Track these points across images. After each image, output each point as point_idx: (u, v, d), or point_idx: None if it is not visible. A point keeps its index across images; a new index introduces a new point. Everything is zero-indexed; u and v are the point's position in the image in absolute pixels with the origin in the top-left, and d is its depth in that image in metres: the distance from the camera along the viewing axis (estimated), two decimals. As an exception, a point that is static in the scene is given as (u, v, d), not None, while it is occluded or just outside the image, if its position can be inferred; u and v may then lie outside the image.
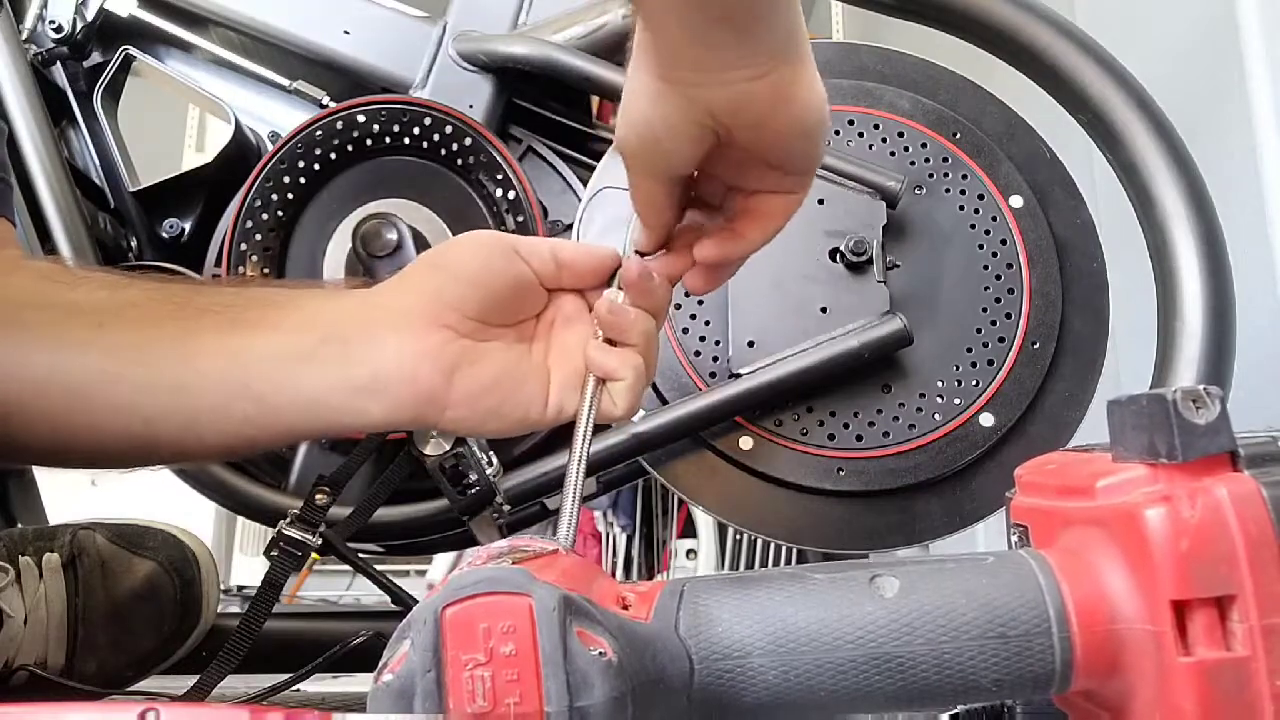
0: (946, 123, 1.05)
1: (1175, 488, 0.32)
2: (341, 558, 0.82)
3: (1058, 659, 0.33)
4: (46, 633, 0.82)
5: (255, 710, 0.45)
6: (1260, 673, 0.29)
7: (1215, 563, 0.30)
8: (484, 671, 0.34)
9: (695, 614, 0.38)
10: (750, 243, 0.64)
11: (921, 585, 0.35)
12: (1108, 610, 0.32)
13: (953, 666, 0.34)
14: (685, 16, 0.52)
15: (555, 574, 0.38)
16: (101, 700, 0.82)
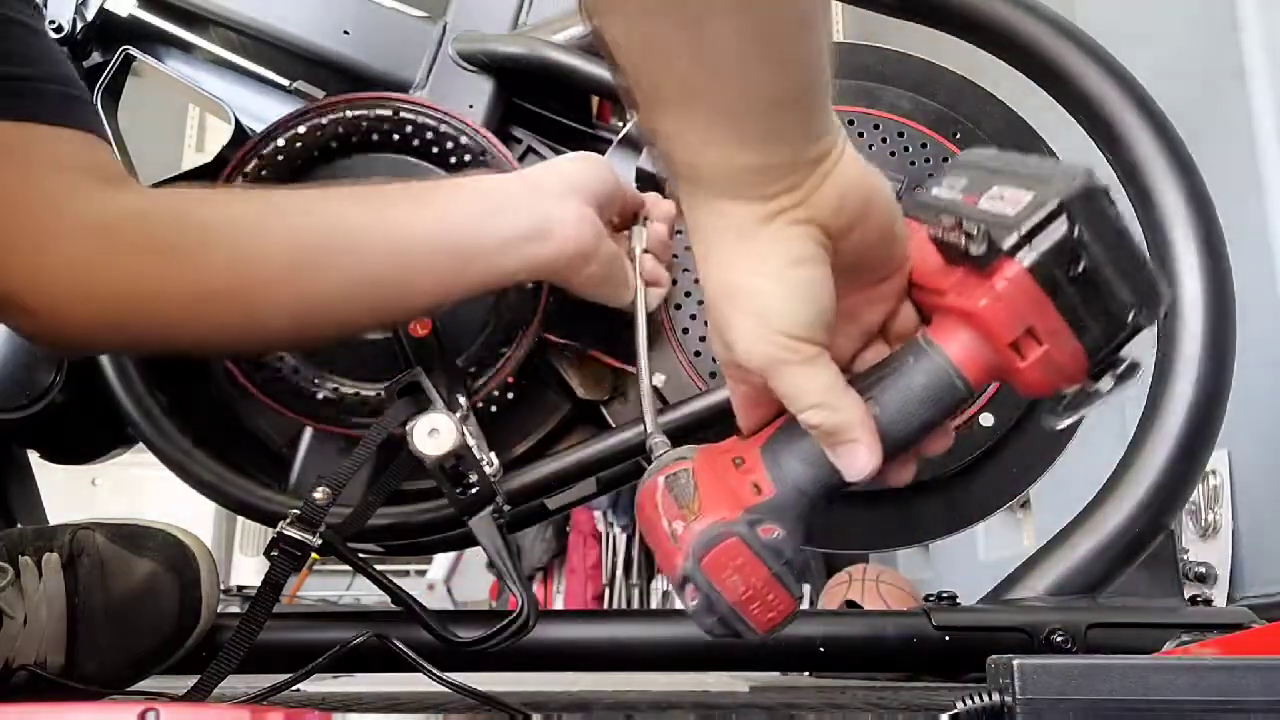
0: (946, 123, 1.05)
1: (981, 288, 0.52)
2: (342, 558, 0.82)
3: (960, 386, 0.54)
4: (46, 633, 0.82)
5: (255, 710, 0.45)
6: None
7: (1017, 319, 0.51)
8: (734, 575, 0.53)
9: (794, 466, 0.55)
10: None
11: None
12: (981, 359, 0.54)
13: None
14: (749, 108, 0.50)
15: (717, 489, 0.55)
16: (101, 700, 0.82)
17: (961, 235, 0.51)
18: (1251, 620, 0.91)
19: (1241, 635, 0.82)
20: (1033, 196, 0.50)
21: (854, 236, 0.54)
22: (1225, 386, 0.98)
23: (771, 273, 0.52)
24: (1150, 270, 0.51)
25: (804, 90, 0.51)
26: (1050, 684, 0.49)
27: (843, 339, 0.58)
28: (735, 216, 0.52)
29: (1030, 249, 0.49)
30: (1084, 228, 0.49)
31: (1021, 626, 0.89)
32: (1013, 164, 0.54)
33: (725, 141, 0.51)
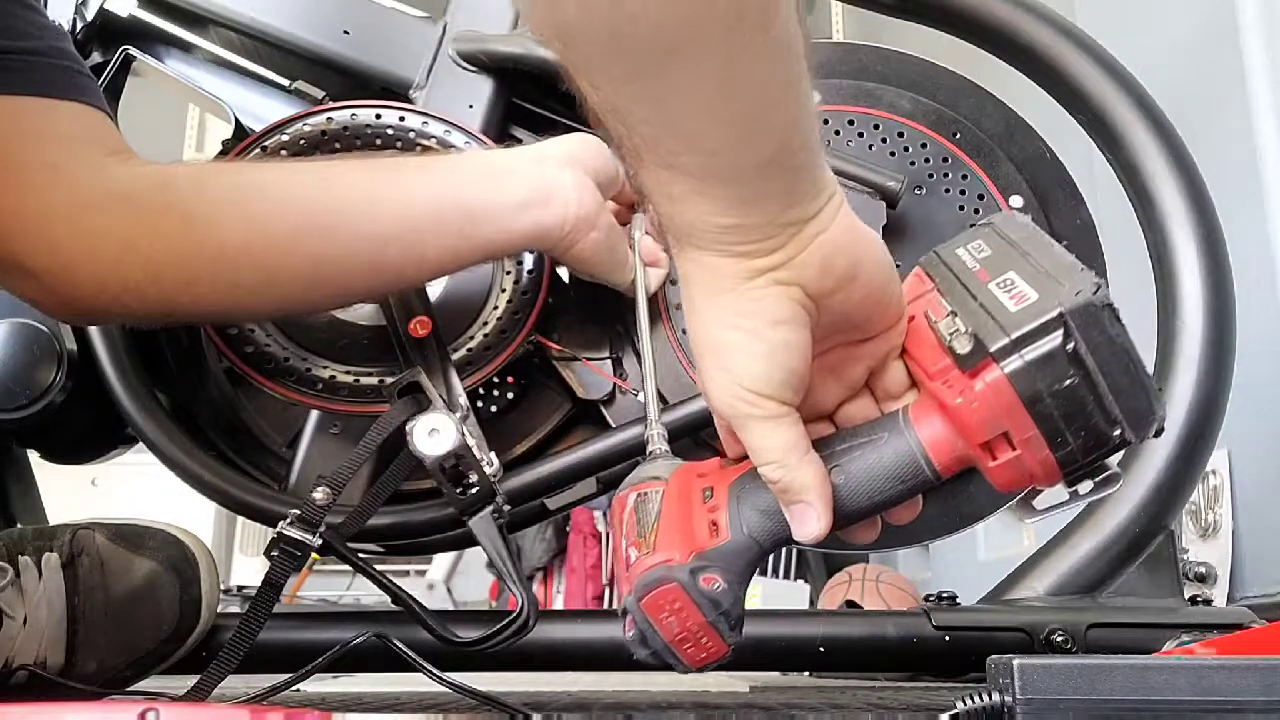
0: (946, 123, 1.05)
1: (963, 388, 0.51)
2: (342, 558, 0.82)
3: (927, 472, 0.54)
4: (46, 633, 0.82)
5: (255, 710, 0.45)
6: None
7: (990, 423, 0.50)
8: (671, 617, 0.54)
9: (752, 515, 0.56)
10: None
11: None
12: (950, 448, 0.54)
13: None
14: (727, 175, 0.50)
15: (678, 522, 0.57)
16: (101, 700, 0.82)
17: (950, 330, 0.50)
18: (1251, 620, 0.91)
19: (1241, 635, 0.82)
20: (1035, 300, 0.49)
21: (839, 298, 0.54)
22: (1225, 386, 0.98)
23: (748, 330, 0.52)
24: (1146, 390, 0.49)
25: (782, 158, 0.50)
26: (1050, 684, 0.49)
27: (826, 390, 0.58)
28: (719, 271, 0.52)
29: (1017, 357, 0.48)
30: (1079, 343, 0.47)
31: (1021, 626, 0.89)
32: (1037, 247, 0.53)
33: (705, 203, 0.51)
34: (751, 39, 0.46)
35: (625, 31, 0.46)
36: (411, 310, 0.91)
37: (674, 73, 0.47)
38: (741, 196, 0.50)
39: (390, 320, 0.92)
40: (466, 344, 0.96)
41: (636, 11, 0.44)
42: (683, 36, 0.45)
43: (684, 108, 0.48)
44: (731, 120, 0.48)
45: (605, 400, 0.99)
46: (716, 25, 0.45)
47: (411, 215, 0.81)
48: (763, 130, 0.49)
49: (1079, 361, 0.47)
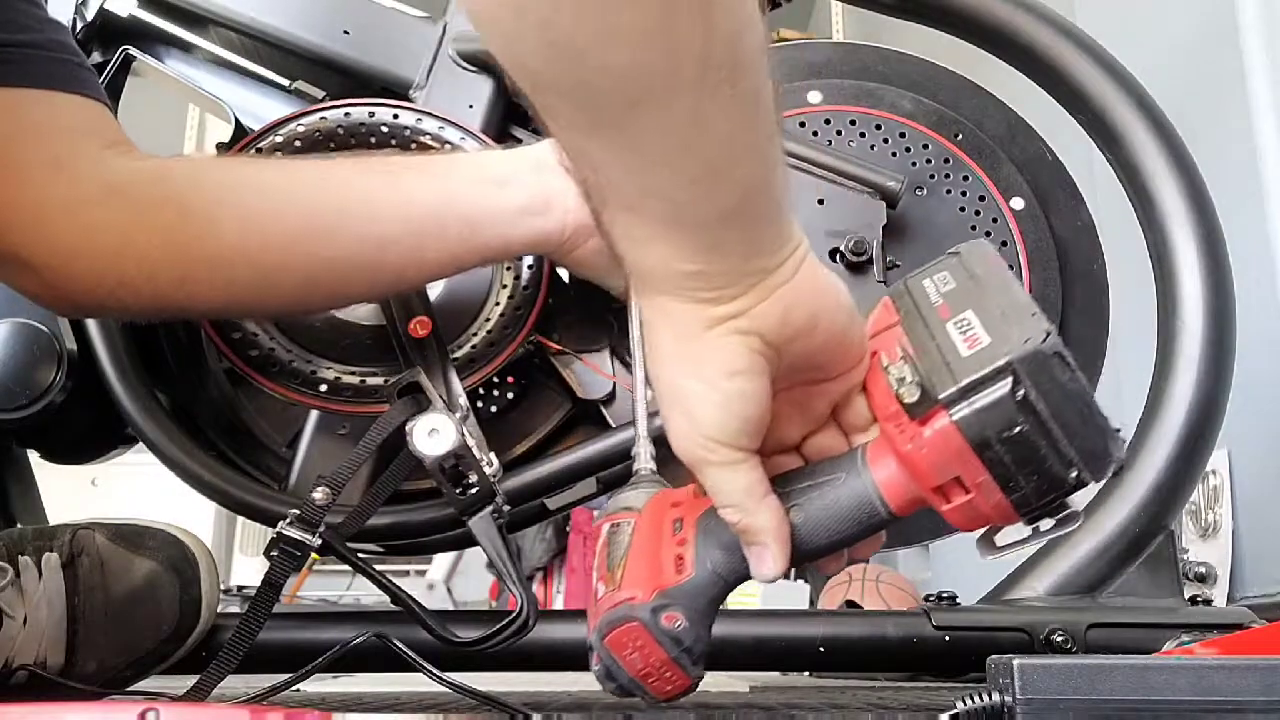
0: (948, 124, 1.05)
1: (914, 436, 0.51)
2: (342, 558, 0.82)
3: (882, 512, 0.54)
4: (46, 633, 0.82)
5: (255, 710, 0.45)
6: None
7: (941, 469, 0.50)
8: (634, 654, 0.56)
9: (716, 551, 0.57)
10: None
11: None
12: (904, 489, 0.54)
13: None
14: (688, 223, 0.50)
15: (645, 558, 0.58)
16: (101, 700, 0.82)
17: (899, 376, 0.51)
18: (1251, 620, 0.91)
19: (1241, 635, 0.82)
20: (986, 346, 0.49)
21: (799, 345, 0.54)
22: (1225, 386, 0.98)
23: (706, 379, 0.52)
24: (1101, 432, 0.49)
25: (746, 209, 0.50)
26: (1050, 684, 0.49)
27: (792, 424, 0.58)
28: (679, 317, 0.52)
29: (966, 404, 0.48)
30: (1028, 391, 0.47)
31: (1021, 626, 0.89)
32: (998, 285, 0.53)
33: (667, 248, 0.51)
34: (718, 93, 0.46)
35: (591, 83, 0.46)
36: (411, 310, 0.91)
37: (639, 124, 0.47)
38: (704, 244, 0.50)
39: (390, 320, 0.92)
40: (467, 343, 0.96)
41: (602, 64, 0.44)
42: (648, 90, 0.45)
43: (648, 157, 0.48)
44: (695, 171, 0.48)
45: (605, 400, 0.99)
46: (683, 80, 0.45)
47: (412, 220, 0.81)
48: (727, 181, 0.49)
49: (1029, 408, 0.47)
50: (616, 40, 0.43)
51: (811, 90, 1.06)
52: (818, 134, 1.03)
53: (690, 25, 0.44)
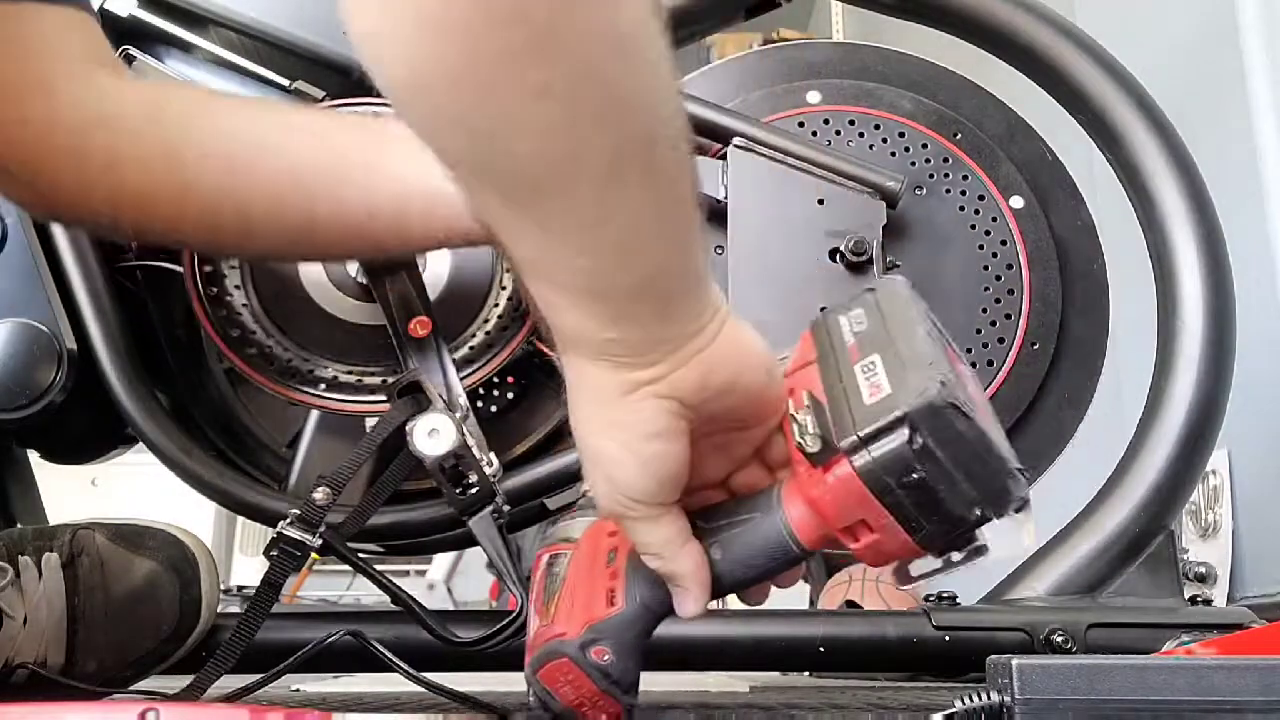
0: (947, 123, 1.05)
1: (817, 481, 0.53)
2: (342, 558, 0.82)
3: (795, 549, 0.56)
4: (46, 633, 0.82)
5: (255, 710, 0.45)
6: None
7: (845, 512, 0.52)
8: (567, 687, 0.59)
9: (644, 585, 0.59)
10: None
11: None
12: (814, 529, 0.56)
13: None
14: (601, 296, 0.51)
15: (579, 593, 0.61)
16: (101, 700, 0.82)
17: (801, 425, 0.53)
18: (1251, 620, 0.91)
19: (1241, 635, 0.82)
20: (886, 397, 0.51)
21: (718, 404, 0.55)
22: (1225, 386, 0.98)
23: (624, 443, 0.54)
24: (1001, 473, 0.50)
25: (658, 283, 0.51)
26: (1049, 684, 0.49)
27: (715, 464, 0.60)
28: (598, 380, 0.53)
29: (865, 453, 0.50)
30: (926, 439, 0.49)
31: (1021, 626, 0.89)
32: (904, 330, 0.54)
33: (583, 317, 0.51)
34: (625, 186, 0.46)
35: (500, 166, 0.46)
36: (412, 310, 0.91)
37: (544, 207, 0.47)
38: (617, 314, 0.51)
39: (390, 320, 0.92)
40: (467, 342, 0.96)
41: (508, 151, 0.45)
42: (553, 179, 0.46)
43: (556, 236, 0.48)
44: (605, 248, 0.49)
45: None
46: (588, 173, 0.45)
47: (400, 195, 0.81)
48: (635, 262, 0.50)
49: (926, 456, 0.49)
50: (521, 133, 0.44)
51: (811, 90, 1.06)
52: (817, 134, 1.04)
53: (596, 126, 0.44)
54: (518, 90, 0.42)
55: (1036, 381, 0.99)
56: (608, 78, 0.43)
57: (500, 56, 0.41)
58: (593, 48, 0.42)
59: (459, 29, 0.40)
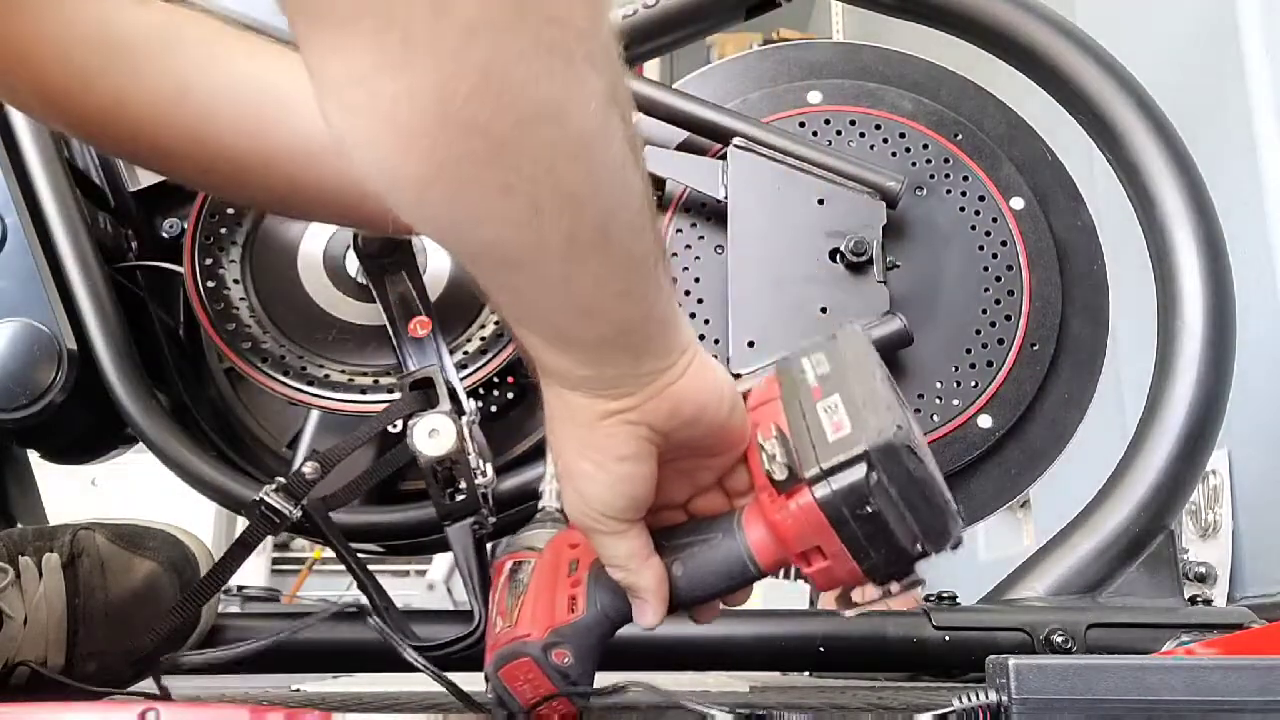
0: (948, 124, 1.05)
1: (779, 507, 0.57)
2: (319, 532, 0.82)
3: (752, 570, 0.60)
4: (46, 633, 0.82)
5: (255, 710, 0.45)
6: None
7: (803, 538, 0.56)
8: (526, 685, 0.63)
9: (605, 594, 0.63)
10: None
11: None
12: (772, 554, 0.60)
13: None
14: (576, 340, 0.55)
15: (541, 599, 0.64)
16: (101, 700, 0.82)
17: (770, 454, 0.56)
18: (1251, 620, 0.91)
19: (1241, 635, 0.82)
20: (847, 433, 0.55)
21: (685, 433, 0.59)
22: (1225, 386, 0.98)
23: (598, 462, 0.58)
24: (943, 513, 0.55)
25: (624, 337, 0.55)
26: (1046, 684, 0.49)
27: (678, 487, 0.64)
28: (576, 407, 0.58)
29: (825, 485, 0.54)
30: (881, 476, 0.54)
31: (1021, 626, 0.89)
32: (863, 375, 0.59)
33: (559, 358, 0.56)
34: (585, 261, 0.51)
35: (469, 249, 0.51)
36: (411, 310, 0.91)
37: (515, 278, 0.52)
38: (590, 359, 0.56)
39: (391, 320, 0.92)
40: (468, 342, 0.96)
41: (479, 236, 0.49)
42: (515, 259, 0.50)
43: (528, 299, 0.54)
44: (571, 310, 0.53)
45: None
46: (549, 253, 0.49)
47: None
48: (600, 320, 0.54)
49: (881, 491, 0.54)
50: (486, 224, 0.48)
51: (812, 90, 1.06)
52: (817, 134, 1.04)
53: (556, 215, 0.48)
54: (481, 189, 0.46)
55: (1036, 382, 0.99)
56: (564, 177, 0.47)
57: (462, 162, 0.45)
58: (548, 153, 0.46)
59: (425, 138, 0.44)
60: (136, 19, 0.77)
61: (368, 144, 0.46)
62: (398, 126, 0.44)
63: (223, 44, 0.81)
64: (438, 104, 0.43)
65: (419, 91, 0.43)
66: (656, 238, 0.55)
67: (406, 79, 0.42)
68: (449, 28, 0.41)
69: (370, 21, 0.42)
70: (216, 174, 0.81)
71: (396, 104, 0.43)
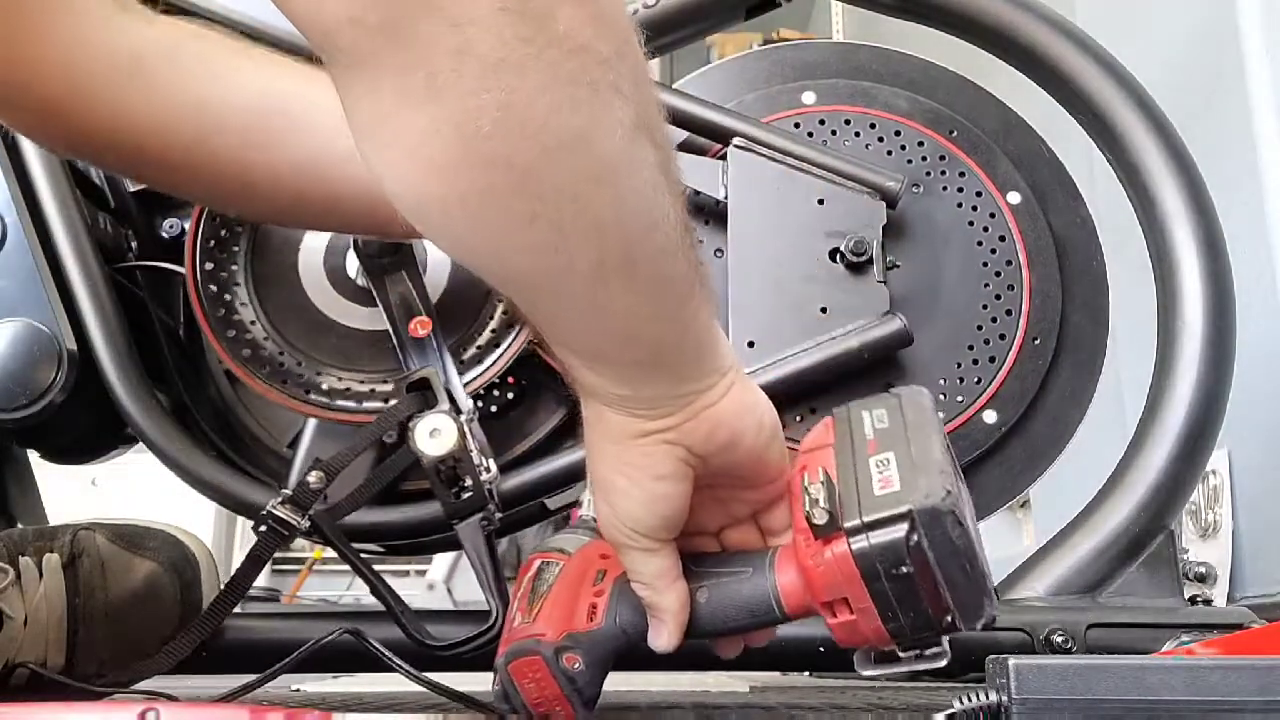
0: (944, 121, 1.05)
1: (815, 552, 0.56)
2: (328, 541, 0.82)
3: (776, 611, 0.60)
4: (46, 633, 0.82)
5: (255, 710, 0.45)
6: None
7: (833, 588, 0.56)
8: (532, 684, 0.62)
9: (626, 609, 0.63)
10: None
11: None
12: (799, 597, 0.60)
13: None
14: (612, 363, 0.56)
15: (564, 601, 0.64)
16: (101, 700, 0.82)
17: (814, 498, 0.55)
18: (1251, 620, 0.91)
19: (1241, 635, 0.82)
20: (895, 491, 0.54)
21: (722, 458, 0.60)
22: (1225, 386, 0.98)
23: (634, 479, 0.58)
24: (980, 589, 0.54)
25: (661, 359, 0.56)
26: (1046, 684, 0.49)
27: (712, 514, 0.64)
28: (614, 424, 0.58)
29: (864, 538, 0.54)
30: (921, 539, 0.53)
31: (1021, 626, 0.89)
32: (921, 437, 0.58)
33: (597, 377, 0.56)
34: (612, 285, 0.51)
35: (497, 275, 0.53)
36: (412, 310, 0.91)
37: (546, 304, 0.53)
38: (628, 378, 0.56)
39: (391, 321, 0.92)
40: (471, 344, 0.96)
41: (505, 263, 0.50)
42: (543, 286, 0.51)
43: (561, 323, 0.55)
44: (603, 334, 0.54)
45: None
46: (576, 279, 0.50)
47: None
48: (634, 344, 0.55)
49: (919, 554, 0.53)
50: (512, 251, 0.49)
51: (806, 91, 1.06)
52: (813, 134, 1.04)
53: (585, 241, 0.49)
54: (507, 219, 0.47)
55: (1039, 377, 0.99)
56: (589, 205, 0.48)
57: (488, 192, 0.46)
58: (573, 182, 0.47)
59: (451, 170, 0.45)
60: (143, 35, 0.77)
61: (398, 178, 0.47)
62: (424, 160, 0.45)
63: (228, 57, 0.81)
64: (461, 138, 0.44)
65: (443, 126, 0.44)
66: (692, 260, 0.55)
67: (430, 114, 0.44)
68: (470, 65, 0.43)
69: (396, 62, 0.43)
70: (224, 188, 0.80)
71: (423, 138, 0.44)
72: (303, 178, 0.79)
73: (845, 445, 0.59)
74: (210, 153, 0.77)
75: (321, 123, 0.79)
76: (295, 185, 0.79)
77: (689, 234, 0.54)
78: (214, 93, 0.78)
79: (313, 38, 0.44)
